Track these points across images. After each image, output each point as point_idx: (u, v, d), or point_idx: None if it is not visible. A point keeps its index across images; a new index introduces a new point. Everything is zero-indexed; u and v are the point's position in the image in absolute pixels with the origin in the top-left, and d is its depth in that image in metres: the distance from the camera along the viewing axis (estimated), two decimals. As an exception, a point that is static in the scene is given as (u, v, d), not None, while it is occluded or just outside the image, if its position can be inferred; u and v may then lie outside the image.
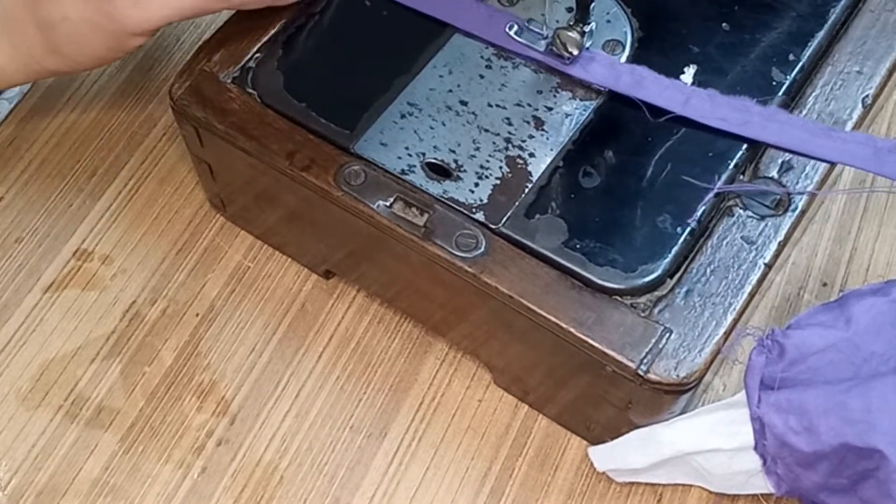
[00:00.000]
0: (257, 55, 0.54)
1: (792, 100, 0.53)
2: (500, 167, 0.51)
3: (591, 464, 0.53)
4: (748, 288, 0.48)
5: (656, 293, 0.48)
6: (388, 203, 0.50)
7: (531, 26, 0.54)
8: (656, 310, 0.47)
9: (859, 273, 0.59)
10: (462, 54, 0.54)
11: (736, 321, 0.47)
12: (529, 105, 0.52)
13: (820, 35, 0.54)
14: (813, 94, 0.53)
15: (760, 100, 0.51)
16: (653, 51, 0.53)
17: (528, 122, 0.52)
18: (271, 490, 0.54)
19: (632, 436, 0.50)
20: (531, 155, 0.51)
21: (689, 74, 0.52)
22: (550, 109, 0.52)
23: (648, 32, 0.54)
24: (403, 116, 0.52)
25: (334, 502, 0.53)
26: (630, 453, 0.51)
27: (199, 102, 0.53)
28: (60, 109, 0.66)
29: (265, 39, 0.55)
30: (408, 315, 0.58)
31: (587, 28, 0.52)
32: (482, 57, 0.54)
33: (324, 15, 0.56)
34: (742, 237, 0.49)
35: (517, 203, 0.50)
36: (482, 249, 0.48)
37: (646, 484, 0.53)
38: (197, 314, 0.59)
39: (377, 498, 0.53)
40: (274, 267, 0.60)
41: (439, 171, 0.51)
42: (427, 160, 0.51)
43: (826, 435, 0.45)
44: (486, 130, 0.52)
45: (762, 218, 0.50)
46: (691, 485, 0.53)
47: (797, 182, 0.50)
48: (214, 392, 0.56)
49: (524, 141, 0.51)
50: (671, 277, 0.48)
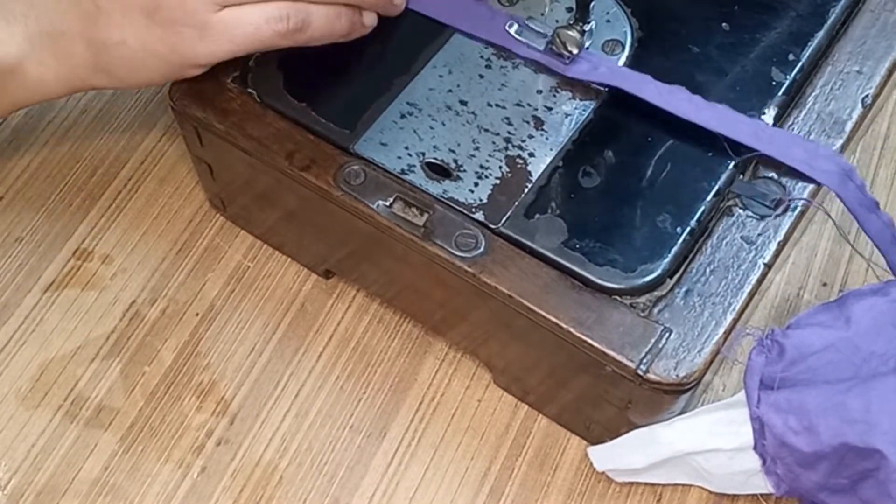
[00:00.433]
0: (257, 55, 0.54)
1: (792, 100, 0.53)
2: (500, 167, 0.51)
3: (591, 464, 0.53)
4: (748, 288, 0.48)
5: (656, 293, 0.48)
6: (388, 203, 0.50)
7: (531, 25, 0.54)
8: (656, 310, 0.47)
9: (859, 273, 0.59)
10: (462, 54, 0.54)
11: (736, 321, 0.47)
12: (529, 105, 0.52)
13: (820, 35, 0.54)
14: (813, 94, 0.53)
15: (751, 114, 0.51)
16: (652, 51, 0.53)
17: (528, 122, 0.52)
18: (271, 490, 0.54)
19: (631, 436, 0.50)
20: (531, 155, 0.51)
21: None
22: (550, 109, 0.52)
23: (648, 32, 0.54)
24: (403, 116, 0.52)
25: (334, 502, 0.53)
26: (630, 453, 0.51)
27: (199, 102, 0.53)
28: (61, 109, 0.66)
29: (265, 39, 0.55)
30: (408, 315, 0.58)
31: (587, 27, 0.52)
32: (482, 57, 0.54)
33: (324, 15, 0.56)
34: (742, 237, 0.49)
35: (517, 203, 0.50)
36: (482, 249, 0.48)
37: (645, 484, 0.53)
38: (197, 314, 0.59)
39: (377, 498, 0.53)
40: (274, 267, 0.60)
41: (439, 171, 0.51)
42: (427, 160, 0.51)
43: (826, 435, 0.45)
44: (486, 130, 0.52)
45: (762, 218, 0.50)
46: (691, 485, 0.53)
47: (797, 182, 0.50)
48: (214, 392, 0.56)
49: (524, 141, 0.51)
50: (671, 277, 0.48)
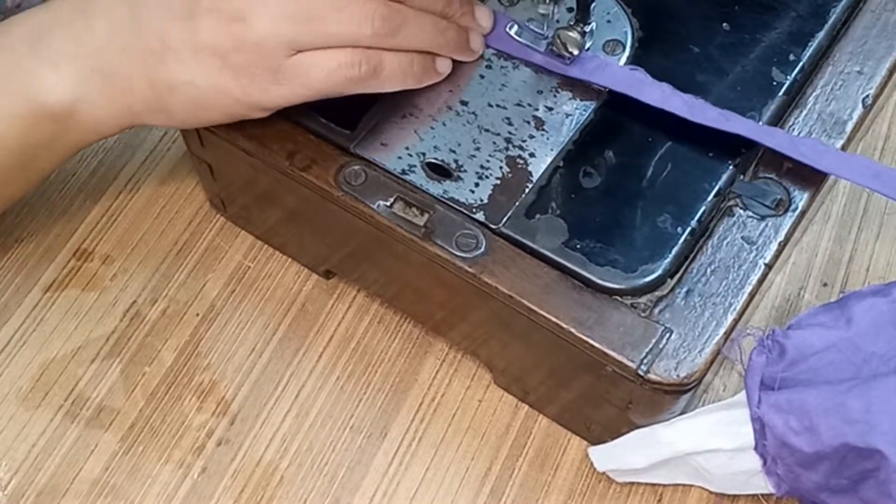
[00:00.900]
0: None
1: (792, 100, 0.53)
2: (501, 167, 0.51)
3: (592, 464, 0.53)
4: (748, 288, 0.48)
5: (657, 293, 0.48)
6: (389, 203, 0.50)
7: (532, 26, 0.54)
8: (656, 310, 0.47)
9: (859, 273, 0.59)
10: (462, 54, 0.54)
11: (736, 321, 0.47)
12: (530, 105, 0.52)
13: (820, 35, 0.54)
14: (813, 95, 0.53)
15: (750, 114, 0.51)
16: (653, 51, 0.53)
17: (529, 122, 0.52)
18: (271, 490, 0.54)
19: (632, 436, 0.50)
20: (531, 155, 0.51)
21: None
22: (551, 109, 0.52)
23: (649, 32, 0.54)
24: (403, 116, 0.52)
25: (334, 502, 0.53)
26: (630, 453, 0.50)
27: (200, 102, 0.53)
28: (60, 109, 0.66)
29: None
30: (408, 315, 0.58)
31: (587, 28, 0.52)
32: (482, 57, 0.54)
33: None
34: (742, 237, 0.49)
35: (517, 203, 0.50)
36: (482, 249, 0.48)
37: (646, 484, 0.53)
38: (197, 314, 0.59)
39: (377, 498, 0.53)
40: (274, 267, 0.60)
41: (439, 171, 0.51)
42: (427, 160, 0.51)
43: (826, 435, 0.45)
44: (487, 130, 0.52)
45: (762, 218, 0.50)
46: (691, 485, 0.53)
47: (797, 182, 0.50)
48: (214, 392, 0.56)
49: (524, 141, 0.51)
50: (671, 277, 0.48)
